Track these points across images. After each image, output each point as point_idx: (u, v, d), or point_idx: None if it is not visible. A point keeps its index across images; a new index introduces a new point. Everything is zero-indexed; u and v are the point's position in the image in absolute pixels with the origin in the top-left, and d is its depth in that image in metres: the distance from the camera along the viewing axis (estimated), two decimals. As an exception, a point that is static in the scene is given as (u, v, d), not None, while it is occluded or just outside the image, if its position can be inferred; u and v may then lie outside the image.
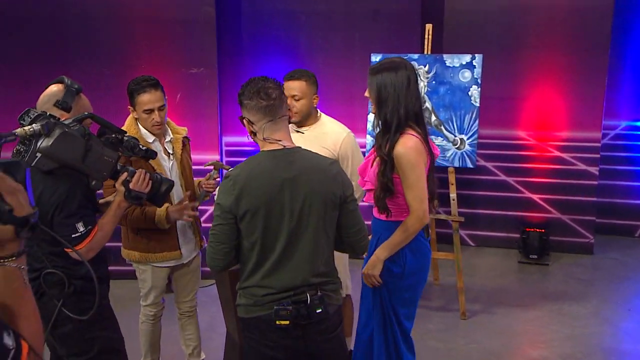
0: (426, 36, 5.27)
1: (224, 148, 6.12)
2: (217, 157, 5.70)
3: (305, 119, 3.84)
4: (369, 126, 5.23)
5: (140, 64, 5.51)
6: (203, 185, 3.74)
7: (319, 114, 3.93)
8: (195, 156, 5.54)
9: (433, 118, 5.19)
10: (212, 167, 3.77)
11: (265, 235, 2.54)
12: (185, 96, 5.58)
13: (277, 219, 2.53)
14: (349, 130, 3.92)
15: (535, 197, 6.53)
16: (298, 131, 3.81)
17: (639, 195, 7.01)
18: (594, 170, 6.40)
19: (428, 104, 5.19)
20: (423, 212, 3.08)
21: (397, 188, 3.10)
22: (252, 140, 2.66)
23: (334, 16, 6.02)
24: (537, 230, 6.30)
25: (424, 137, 3.15)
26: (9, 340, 1.27)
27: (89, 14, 5.44)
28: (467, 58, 5.15)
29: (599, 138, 6.38)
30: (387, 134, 3.09)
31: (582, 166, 6.40)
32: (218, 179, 3.73)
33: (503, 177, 6.60)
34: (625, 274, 6.11)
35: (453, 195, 5.15)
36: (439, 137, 5.17)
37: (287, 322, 2.54)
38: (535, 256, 6.26)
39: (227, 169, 3.29)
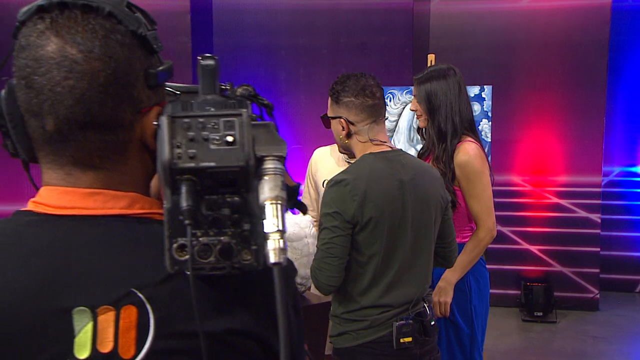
0: (428, 66, 4.85)
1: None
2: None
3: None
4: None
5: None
6: None
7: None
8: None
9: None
10: None
11: (387, 245, 2.25)
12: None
13: (400, 226, 2.27)
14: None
15: (533, 248, 6.09)
16: (348, 162, 3.27)
17: (638, 248, 6.67)
18: (595, 217, 6.03)
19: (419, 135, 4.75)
20: (493, 223, 2.90)
21: (458, 201, 2.87)
22: (341, 142, 2.37)
23: (318, 51, 5.58)
24: (540, 284, 5.84)
25: (482, 145, 2.97)
26: None
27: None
28: (475, 90, 4.75)
29: (599, 183, 6.04)
30: (443, 143, 2.90)
31: (583, 213, 6.02)
32: None
33: (498, 227, 6.13)
34: (636, 331, 5.69)
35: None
36: (448, 177, 4.69)
37: (410, 339, 2.28)
38: (541, 313, 5.77)
39: None
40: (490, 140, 4.70)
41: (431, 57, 4.90)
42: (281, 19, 5.53)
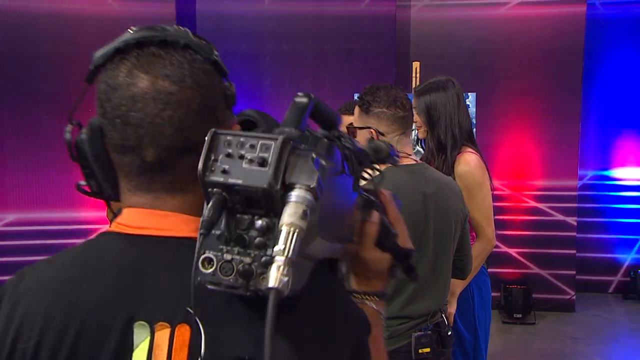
0: (413, 74, 4.93)
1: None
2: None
3: None
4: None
5: (89, 107, 4.83)
6: None
7: None
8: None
9: (426, 162, 4.78)
10: None
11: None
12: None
13: (422, 239, 2.29)
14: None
15: (512, 251, 6.20)
16: None
17: (611, 249, 6.84)
18: (571, 220, 6.17)
19: (419, 147, 4.79)
20: (492, 232, 2.98)
21: None
22: None
23: (302, 57, 5.59)
24: (519, 286, 5.96)
25: (482, 155, 3.01)
26: None
27: (33, 52, 4.76)
28: (460, 97, 4.82)
29: (575, 187, 6.19)
30: (443, 155, 2.95)
31: (560, 217, 6.16)
32: None
33: (478, 231, 6.25)
34: (612, 331, 5.85)
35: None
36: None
37: (429, 350, 2.32)
38: (520, 315, 5.88)
39: None
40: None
41: (416, 65, 4.98)
42: (266, 25, 5.54)
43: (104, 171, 1.02)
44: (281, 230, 0.82)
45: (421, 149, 3.23)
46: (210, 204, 0.85)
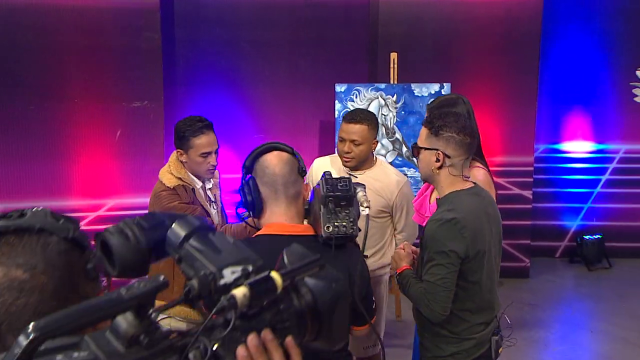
0: (391, 65, 5.11)
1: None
2: (161, 199, 5.13)
3: (361, 164, 3.49)
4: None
5: (72, 98, 4.85)
6: None
7: (374, 158, 3.58)
8: (138, 199, 5.05)
9: (404, 149, 5.01)
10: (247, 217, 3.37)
11: (487, 271, 2.55)
12: (126, 133, 4.99)
13: (489, 253, 2.55)
14: (406, 179, 3.65)
15: (473, 223, 6.54)
16: (350, 174, 3.44)
17: (560, 217, 7.29)
18: (527, 194, 6.56)
19: (398, 135, 5.02)
20: None
21: None
22: (429, 172, 2.54)
23: (279, 45, 5.69)
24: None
25: (489, 170, 3.20)
26: None
27: (13, 43, 4.70)
28: (435, 87, 5.05)
29: (531, 162, 6.55)
30: None
31: (517, 190, 6.52)
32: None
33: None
34: (563, 296, 6.32)
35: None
36: (412, 169, 5.00)
37: (502, 349, 2.68)
38: (481, 283, 6.26)
39: None
40: (449, 134, 5.02)
41: (393, 56, 5.15)
42: (242, 13, 5.58)
43: None
44: (361, 210, 2.17)
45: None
46: (329, 203, 2.09)
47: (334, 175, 3.51)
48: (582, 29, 6.95)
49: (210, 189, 3.39)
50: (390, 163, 4.92)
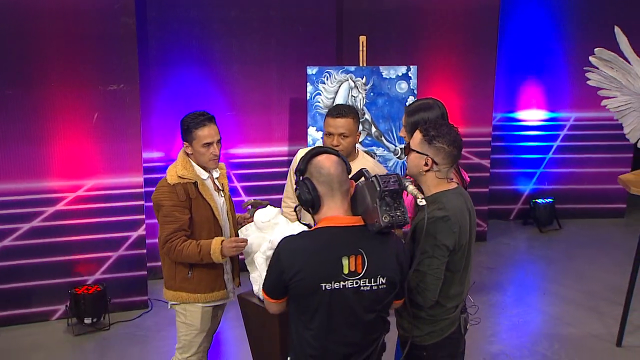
0: (360, 48, 5.23)
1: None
2: (139, 178, 5.22)
3: (347, 157, 3.65)
4: (309, 140, 5.13)
5: (50, 82, 4.86)
6: (244, 225, 3.55)
7: (357, 151, 3.75)
8: (116, 179, 5.14)
9: (373, 129, 5.19)
10: (250, 206, 3.57)
11: (465, 261, 2.80)
12: (103, 116, 5.03)
13: (469, 245, 2.80)
14: (385, 170, 3.84)
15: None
16: None
17: (514, 182, 7.62)
18: (486, 162, 6.84)
19: (367, 116, 5.18)
20: None
21: None
22: (417, 173, 2.79)
23: (248, 23, 5.73)
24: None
25: (457, 167, 3.28)
26: None
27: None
28: (402, 69, 5.20)
29: (489, 133, 6.81)
30: None
31: (476, 160, 6.79)
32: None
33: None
34: (517, 258, 6.68)
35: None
36: (380, 148, 5.19)
37: (469, 325, 3.02)
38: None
39: (265, 204, 3.39)
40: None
41: (362, 39, 5.27)
42: (214, -7, 5.62)
43: None
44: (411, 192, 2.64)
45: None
46: (388, 195, 2.44)
47: None
48: (537, 5, 7.16)
49: (217, 178, 3.58)
50: (360, 142, 5.11)
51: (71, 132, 4.98)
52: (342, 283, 2.39)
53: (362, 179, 2.58)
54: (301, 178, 2.54)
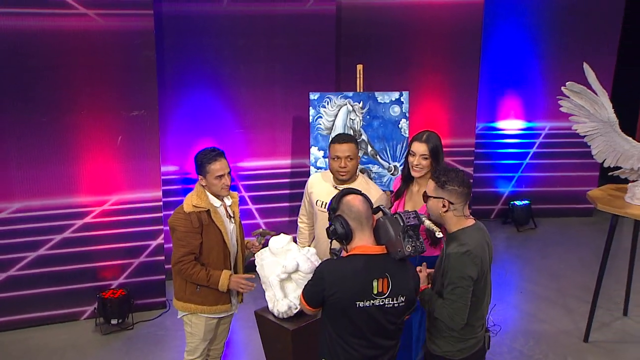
0: (358, 75, 5.55)
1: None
2: (158, 193, 5.56)
3: (350, 177, 4.05)
4: (312, 158, 5.47)
5: (80, 109, 5.17)
6: (252, 250, 4.00)
7: (357, 173, 4.12)
8: (137, 194, 5.46)
9: (369, 149, 5.53)
10: (259, 234, 4.00)
11: (487, 287, 3.16)
12: (126, 138, 5.34)
13: (488, 271, 3.15)
14: (382, 191, 4.18)
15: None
16: (337, 188, 4.00)
17: (494, 184, 8.01)
18: (469, 170, 7.21)
19: (364, 136, 5.52)
20: None
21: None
22: (438, 215, 3.11)
23: (255, 50, 6.03)
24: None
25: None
26: None
27: (28, 64, 4.97)
28: (395, 95, 5.54)
29: (473, 143, 7.17)
30: None
31: (461, 168, 7.15)
32: (263, 243, 3.98)
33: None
34: (498, 257, 6.99)
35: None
36: (376, 165, 5.54)
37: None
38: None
39: (272, 234, 3.71)
40: (407, 135, 5.55)
41: (360, 68, 5.60)
42: (224, 23, 5.87)
43: None
44: (429, 227, 3.09)
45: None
46: (411, 230, 2.86)
47: (323, 191, 4.05)
48: (515, 24, 7.52)
49: (230, 206, 3.91)
50: (357, 161, 5.47)
51: (98, 153, 5.29)
52: (371, 302, 2.81)
53: (380, 213, 3.00)
54: (334, 215, 2.94)
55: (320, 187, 4.16)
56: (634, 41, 8.00)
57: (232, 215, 3.92)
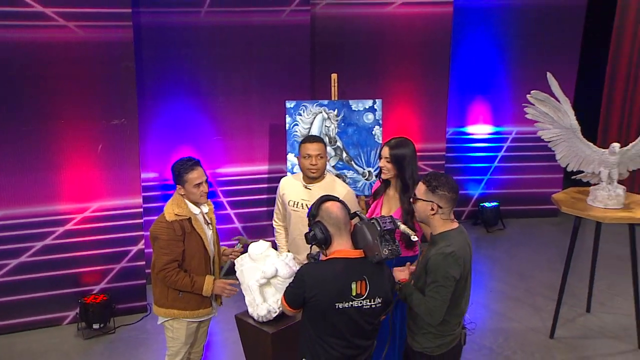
0: (332, 84, 5.67)
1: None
2: (138, 200, 5.60)
3: (319, 175, 4.19)
4: (288, 164, 5.57)
5: (61, 118, 5.21)
6: (230, 257, 4.06)
7: (325, 173, 4.26)
8: (118, 201, 5.51)
9: (344, 155, 5.65)
10: (237, 241, 4.09)
11: (468, 285, 3.27)
12: (106, 146, 5.39)
13: (469, 271, 3.25)
14: (349, 189, 4.33)
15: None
16: (307, 187, 4.16)
17: (464, 187, 8.17)
18: (440, 174, 7.35)
19: (339, 143, 5.64)
20: None
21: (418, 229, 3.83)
22: (425, 217, 3.20)
23: (232, 59, 6.11)
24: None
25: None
26: None
27: (11, 75, 5.01)
28: (369, 103, 5.67)
29: (443, 148, 7.34)
30: (408, 192, 3.81)
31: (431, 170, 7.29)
32: (241, 250, 4.03)
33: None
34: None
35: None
36: (350, 171, 5.66)
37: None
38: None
39: (250, 243, 3.75)
40: (381, 142, 5.68)
41: (334, 77, 5.71)
42: (202, 33, 5.94)
43: None
44: (406, 235, 3.27)
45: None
46: (386, 235, 2.98)
47: (294, 191, 4.16)
48: (483, 34, 7.70)
49: (207, 213, 3.99)
50: (333, 166, 5.58)
51: (79, 161, 5.33)
52: (350, 303, 2.93)
53: (357, 218, 3.13)
54: (314, 221, 3.05)
55: (292, 188, 4.29)
56: (594, 51, 8.23)
57: (209, 221, 4.01)
